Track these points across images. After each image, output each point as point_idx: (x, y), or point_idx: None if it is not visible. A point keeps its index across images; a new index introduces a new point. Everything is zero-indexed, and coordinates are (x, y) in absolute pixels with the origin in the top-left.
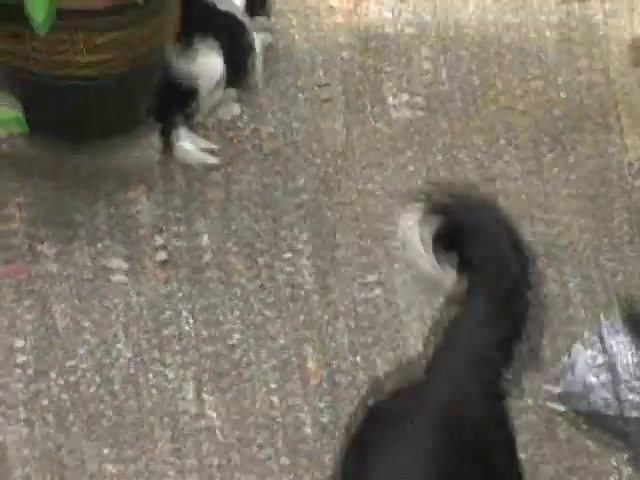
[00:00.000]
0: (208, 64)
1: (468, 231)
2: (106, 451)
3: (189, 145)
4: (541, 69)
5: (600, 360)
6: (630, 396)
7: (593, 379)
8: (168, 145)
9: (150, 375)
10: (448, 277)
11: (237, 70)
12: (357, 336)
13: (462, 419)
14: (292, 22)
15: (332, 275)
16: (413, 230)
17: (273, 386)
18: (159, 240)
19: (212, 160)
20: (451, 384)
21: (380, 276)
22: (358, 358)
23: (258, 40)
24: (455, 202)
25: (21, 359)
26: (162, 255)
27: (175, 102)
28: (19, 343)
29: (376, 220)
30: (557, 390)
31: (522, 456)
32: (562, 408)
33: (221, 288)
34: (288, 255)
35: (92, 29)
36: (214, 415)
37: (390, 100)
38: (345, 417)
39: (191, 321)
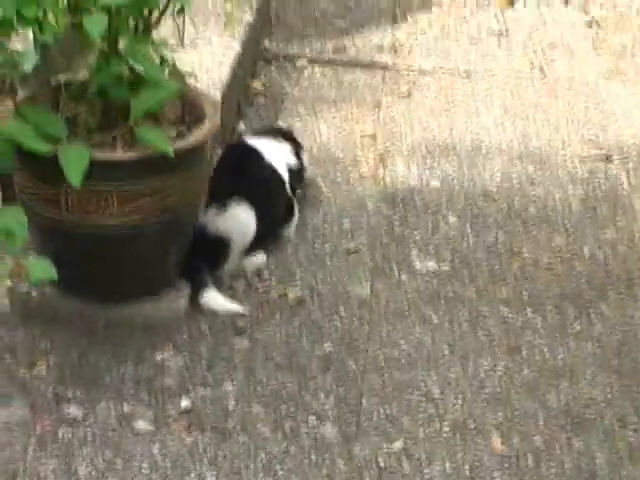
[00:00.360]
0: (242, 221)
1: None
2: None
3: (215, 304)
4: (566, 235)
5: None
6: None
7: None
8: (195, 301)
9: None
10: None
11: (272, 229)
12: None
13: None
14: (320, 172)
15: (357, 442)
16: None
17: None
18: (185, 401)
19: (238, 309)
20: None
21: (406, 444)
22: None
23: (295, 202)
24: None
25: None
26: (188, 417)
27: (205, 260)
28: None
29: (402, 385)
30: None
31: None
32: None
33: (246, 452)
34: (313, 419)
35: (120, 180)
36: None
37: (416, 260)
38: None
39: None
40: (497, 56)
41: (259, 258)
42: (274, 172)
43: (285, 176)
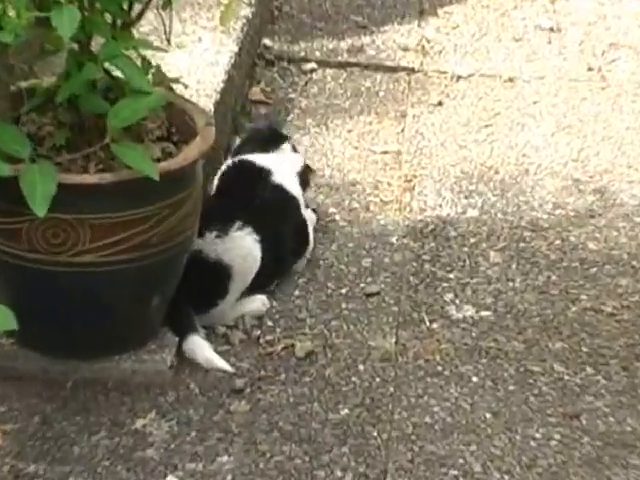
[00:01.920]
0: (245, 248)
1: None
2: None
3: (199, 355)
4: (634, 276)
5: None
6: None
7: None
8: (183, 356)
9: None
10: None
11: (281, 262)
12: None
13: None
14: (333, 199)
15: None
16: None
17: None
18: (171, 478)
19: (225, 366)
20: None
21: None
22: None
23: (310, 225)
24: None
25: None
26: None
27: (197, 296)
28: None
29: (435, 459)
30: None
31: None
32: None
33: None
34: None
35: (94, 209)
36: None
37: (450, 305)
38: None
39: None
40: (547, 58)
41: (260, 302)
42: (284, 191)
43: (298, 194)
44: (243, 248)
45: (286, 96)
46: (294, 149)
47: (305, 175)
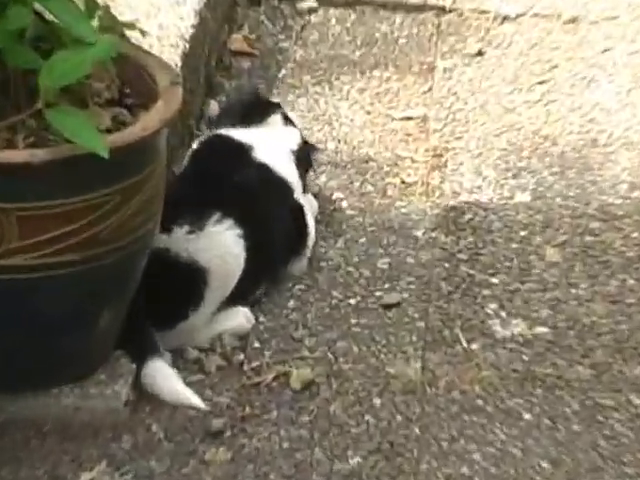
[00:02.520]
0: (225, 246)
1: None
2: None
3: (161, 385)
4: None
5: None
6: None
7: None
8: (142, 389)
9: None
10: None
11: (270, 263)
12: None
13: None
14: (340, 180)
15: None
16: None
17: None
18: None
19: (194, 401)
20: None
21: None
22: None
23: (309, 214)
24: None
25: None
26: None
27: (161, 313)
28: None
29: None
30: None
31: None
32: None
33: None
34: None
35: (22, 196)
36: None
37: (494, 320)
38: None
39: None
40: None
41: (243, 316)
42: (271, 173)
43: (292, 176)
44: (222, 246)
45: (276, 45)
46: (287, 120)
47: (304, 153)
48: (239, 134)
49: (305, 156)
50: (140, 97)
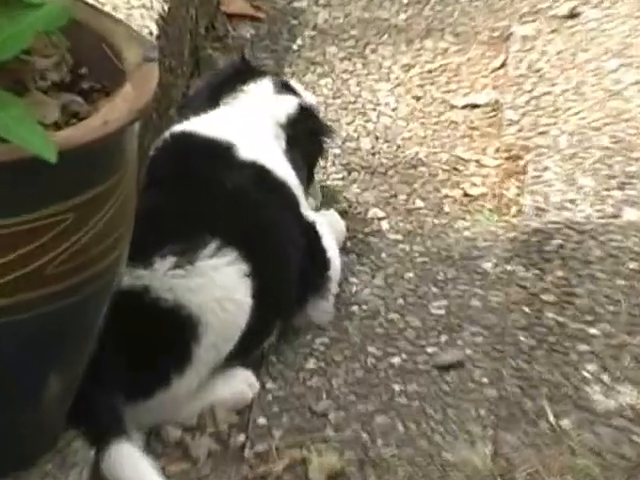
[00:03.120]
0: (225, 287)
1: None
2: None
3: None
4: None
5: None
6: None
7: None
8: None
9: None
10: None
11: (281, 308)
12: None
13: None
14: (377, 192)
15: None
16: None
17: None
18: None
19: None
20: None
21: None
22: None
23: (327, 235)
24: None
25: None
26: None
27: (132, 376)
28: None
29: None
30: None
31: None
32: None
33: None
34: None
35: None
36: None
37: (594, 386)
38: None
39: None
40: None
41: (245, 381)
42: (263, 173)
43: (295, 188)
44: (222, 287)
45: (289, 5)
46: (284, 87)
47: (303, 131)
48: (202, 125)
49: (306, 135)
50: (101, 79)
